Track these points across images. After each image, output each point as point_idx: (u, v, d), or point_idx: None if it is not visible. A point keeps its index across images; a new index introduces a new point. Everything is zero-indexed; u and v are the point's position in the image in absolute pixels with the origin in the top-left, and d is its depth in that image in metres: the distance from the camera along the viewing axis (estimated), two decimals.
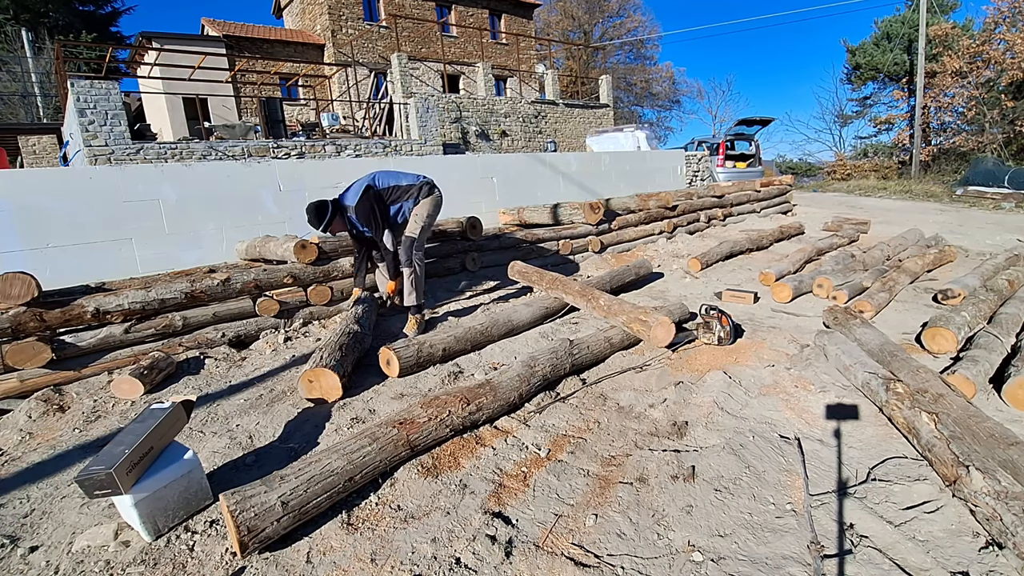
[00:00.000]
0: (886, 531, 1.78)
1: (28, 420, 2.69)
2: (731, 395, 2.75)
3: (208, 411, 2.75)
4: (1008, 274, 4.37)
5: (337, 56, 17.16)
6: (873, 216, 9.42)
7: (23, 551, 1.79)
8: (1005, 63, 18.16)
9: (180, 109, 14.45)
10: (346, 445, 2.00)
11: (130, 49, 17.30)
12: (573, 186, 7.78)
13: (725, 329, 3.43)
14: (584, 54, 32.02)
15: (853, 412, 2.55)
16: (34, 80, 18.17)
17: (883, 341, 3.06)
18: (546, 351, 2.97)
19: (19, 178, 4.00)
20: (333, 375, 2.71)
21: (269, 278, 3.87)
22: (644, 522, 1.88)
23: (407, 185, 3.88)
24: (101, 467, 1.69)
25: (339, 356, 2.87)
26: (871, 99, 26.06)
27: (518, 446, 2.37)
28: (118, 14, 24.00)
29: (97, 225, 4.17)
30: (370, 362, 3.24)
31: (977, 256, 6.26)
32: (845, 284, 4.59)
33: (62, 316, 3.06)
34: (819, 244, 6.52)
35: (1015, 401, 2.55)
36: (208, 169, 4.78)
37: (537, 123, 16.61)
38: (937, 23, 20.36)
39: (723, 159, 13.60)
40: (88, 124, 7.91)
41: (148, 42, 15.26)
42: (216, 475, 2.17)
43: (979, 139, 19.47)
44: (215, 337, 3.61)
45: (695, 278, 5.54)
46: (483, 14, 20.71)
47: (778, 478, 2.10)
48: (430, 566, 1.69)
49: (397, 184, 3.87)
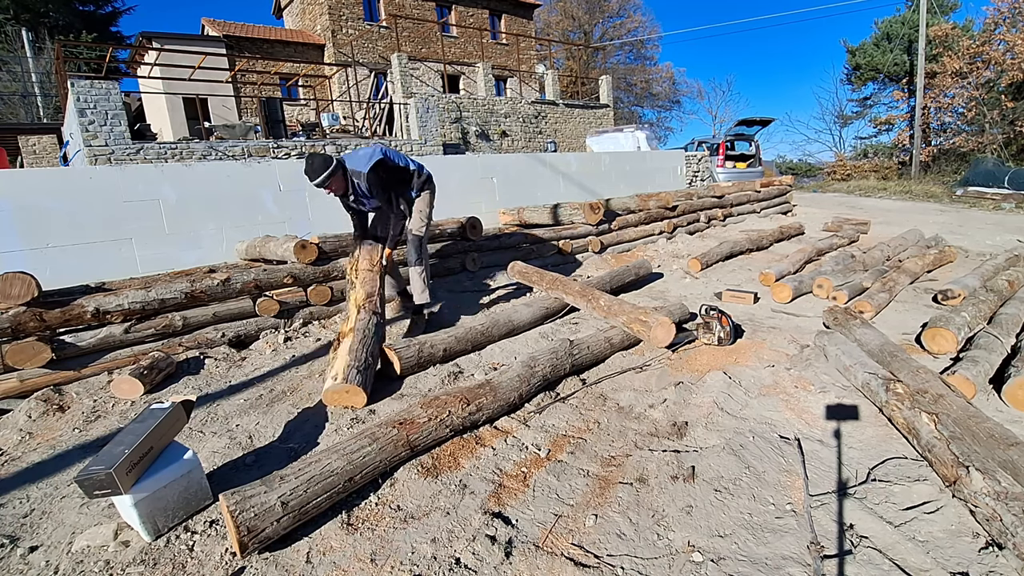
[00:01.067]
0: (886, 531, 1.78)
1: (28, 420, 2.69)
2: (731, 395, 2.75)
3: (208, 411, 2.74)
4: (1008, 275, 4.37)
5: (337, 56, 17.17)
6: (873, 216, 9.42)
7: (23, 551, 1.79)
8: (1005, 64, 18.16)
9: (180, 109, 14.45)
10: (346, 445, 2.00)
11: (130, 49, 17.30)
12: (573, 186, 7.78)
13: (725, 329, 3.43)
14: (584, 54, 32.02)
15: (853, 412, 2.55)
16: (34, 80, 18.18)
17: (883, 341, 3.06)
18: (546, 351, 2.97)
19: (19, 178, 4.00)
20: (363, 393, 2.70)
21: (269, 278, 3.87)
22: (644, 522, 1.88)
23: (412, 171, 3.81)
24: (101, 467, 1.69)
25: (366, 374, 2.82)
26: (871, 99, 26.10)
27: (518, 446, 2.37)
28: (118, 14, 24.03)
29: (97, 225, 4.17)
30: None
31: (977, 257, 6.26)
32: (845, 284, 4.59)
33: (62, 316, 3.06)
34: (819, 244, 6.52)
35: (1015, 401, 2.55)
36: (208, 169, 4.78)
37: (537, 123, 16.61)
38: (937, 24, 20.37)
39: (723, 159, 13.61)
40: (88, 124, 7.91)
41: (148, 42, 15.26)
42: (216, 475, 2.17)
43: (979, 140, 19.48)
44: (215, 337, 3.61)
45: (695, 278, 5.54)
46: (483, 14, 20.71)
47: (778, 478, 2.09)
48: (430, 566, 1.69)
49: (406, 166, 3.78)
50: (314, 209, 5.24)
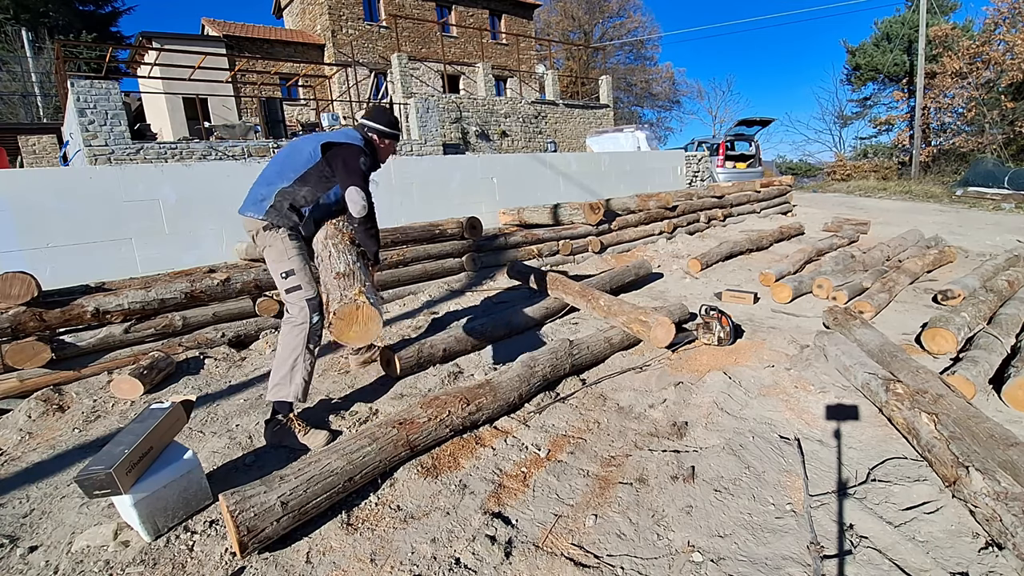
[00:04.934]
0: (886, 532, 1.78)
1: (28, 420, 2.69)
2: (731, 396, 2.75)
3: (208, 411, 2.74)
4: (1008, 275, 4.37)
5: (337, 56, 17.17)
6: (873, 217, 9.43)
7: (23, 551, 1.79)
8: (1005, 64, 18.17)
9: (180, 109, 14.45)
10: (346, 445, 2.00)
11: (130, 49, 17.29)
12: (573, 186, 7.79)
13: (725, 330, 3.43)
14: (584, 54, 32.01)
15: (853, 413, 2.55)
16: (34, 80, 18.17)
17: (883, 342, 3.06)
18: (546, 351, 2.97)
19: (19, 178, 4.00)
20: (378, 318, 2.14)
21: (269, 278, 3.87)
22: (644, 522, 1.88)
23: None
24: (101, 467, 1.68)
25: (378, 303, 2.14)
26: (871, 100, 26.12)
27: (518, 446, 2.37)
28: (118, 14, 24.02)
29: (97, 225, 4.17)
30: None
31: (977, 257, 6.26)
32: (845, 285, 4.59)
33: (62, 316, 3.06)
34: (819, 245, 6.52)
35: (1015, 402, 2.55)
36: (208, 169, 4.78)
37: (537, 123, 16.61)
38: (937, 24, 20.38)
39: (723, 159, 13.61)
40: (88, 124, 7.90)
41: (148, 42, 15.26)
42: (216, 475, 2.17)
43: (979, 140, 19.49)
44: (215, 337, 3.61)
45: (695, 278, 5.54)
46: (483, 14, 20.71)
47: (778, 478, 2.09)
48: (430, 566, 1.69)
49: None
50: None
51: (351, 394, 2.89)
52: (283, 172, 2.49)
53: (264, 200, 2.47)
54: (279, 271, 2.44)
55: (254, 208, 2.48)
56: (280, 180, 2.47)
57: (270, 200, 2.46)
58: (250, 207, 2.49)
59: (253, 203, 2.49)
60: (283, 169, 2.50)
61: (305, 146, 2.51)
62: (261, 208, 2.46)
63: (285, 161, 2.52)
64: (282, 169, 2.50)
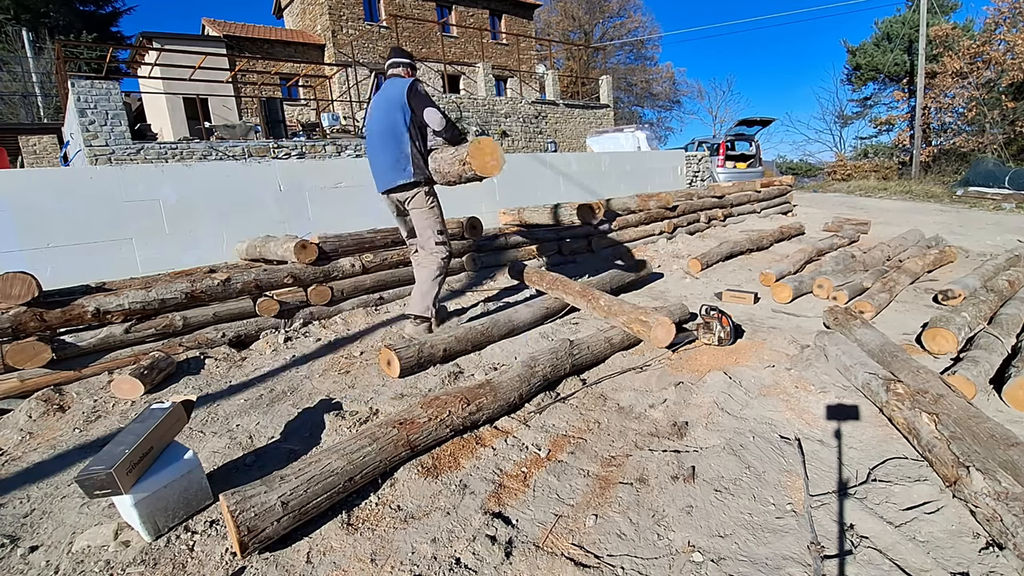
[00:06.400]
0: (886, 532, 1.78)
1: (28, 420, 2.69)
2: (731, 395, 2.75)
3: (208, 411, 2.74)
4: (1008, 275, 4.37)
5: (337, 56, 17.18)
6: (873, 216, 9.42)
7: (23, 551, 1.79)
8: (1005, 64, 18.17)
9: (180, 109, 14.46)
10: (346, 445, 2.00)
11: (130, 49, 17.31)
12: (573, 186, 7.78)
13: (725, 329, 3.43)
14: (584, 54, 32.02)
15: (853, 413, 2.55)
16: (34, 80, 18.19)
17: (883, 342, 3.06)
18: (546, 351, 2.97)
19: (19, 178, 4.01)
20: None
21: (269, 278, 3.87)
22: (644, 522, 1.88)
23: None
24: (101, 467, 1.68)
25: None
26: (871, 100, 26.14)
27: (518, 446, 2.37)
28: (118, 14, 24.06)
29: (97, 225, 4.17)
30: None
31: (977, 257, 6.26)
32: (845, 284, 4.59)
33: (62, 316, 3.06)
34: (819, 244, 6.52)
35: (1015, 402, 2.55)
36: (208, 169, 4.78)
37: (537, 123, 16.61)
38: (937, 24, 20.37)
39: (723, 159, 13.61)
40: (88, 124, 7.91)
41: (148, 42, 15.27)
42: (216, 475, 2.17)
43: (979, 140, 19.49)
44: (215, 337, 3.61)
45: (695, 278, 5.54)
46: (483, 14, 20.72)
47: (778, 479, 2.09)
48: (430, 566, 1.69)
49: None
50: (314, 209, 5.24)
51: (351, 394, 2.89)
52: (397, 136, 2.95)
53: (403, 165, 2.94)
54: (434, 229, 3.10)
55: (400, 175, 2.96)
56: (401, 144, 2.94)
57: (408, 162, 2.94)
58: (394, 176, 2.97)
59: (394, 172, 2.98)
60: (395, 134, 2.95)
61: (393, 111, 2.96)
62: (407, 173, 2.93)
63: (390, 130, 2.96)
64: (394, 134, 2.95)
